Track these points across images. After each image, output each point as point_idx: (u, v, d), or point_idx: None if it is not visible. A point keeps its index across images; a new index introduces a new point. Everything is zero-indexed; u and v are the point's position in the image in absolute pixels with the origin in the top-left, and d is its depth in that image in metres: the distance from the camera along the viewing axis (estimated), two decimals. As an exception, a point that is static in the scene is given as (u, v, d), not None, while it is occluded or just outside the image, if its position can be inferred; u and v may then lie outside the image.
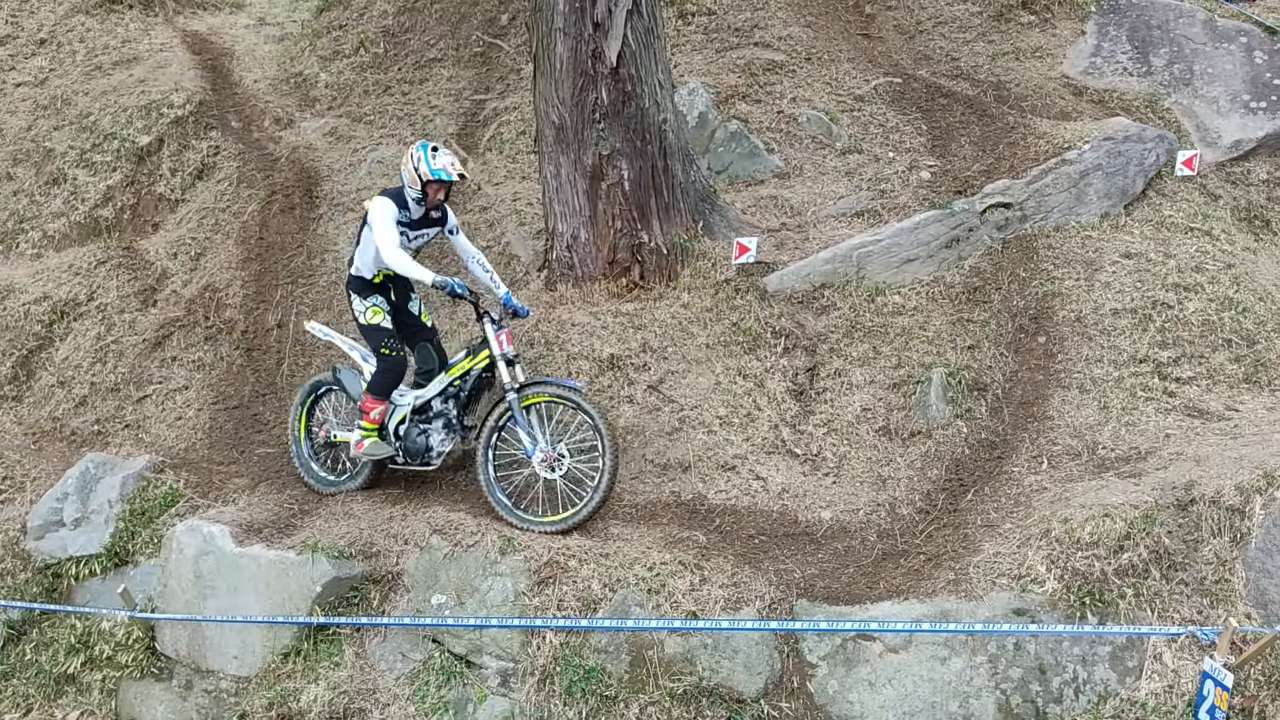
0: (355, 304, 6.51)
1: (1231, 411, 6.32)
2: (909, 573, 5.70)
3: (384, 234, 6.13)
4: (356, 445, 6.45)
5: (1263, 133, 8.64)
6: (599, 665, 5.33)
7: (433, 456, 6.44)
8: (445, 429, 6.45)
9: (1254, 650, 4.44)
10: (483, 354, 6.30)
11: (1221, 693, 4.37)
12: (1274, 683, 4.92)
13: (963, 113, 8.75)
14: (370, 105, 9.60)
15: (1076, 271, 7.26)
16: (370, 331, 6.46)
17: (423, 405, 6.51)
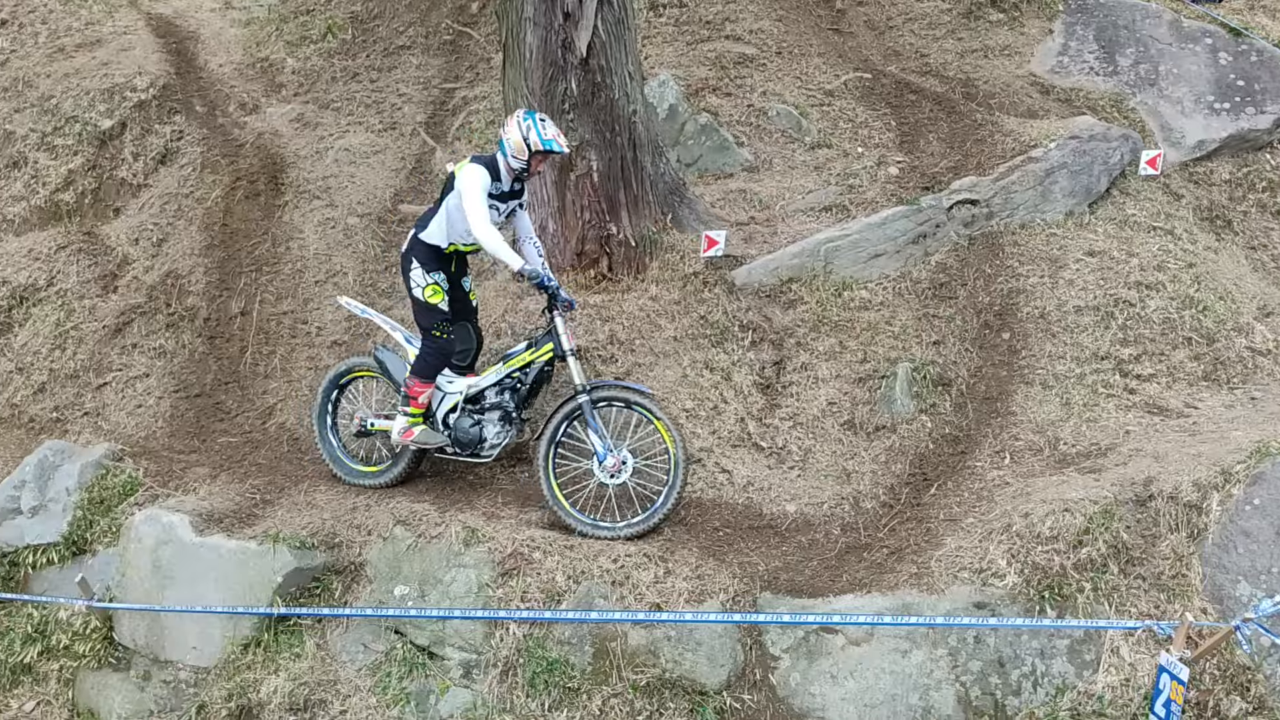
0: (415, 274, 6.11)
1: (1190, 409, 6.41)
2: (872, 566, 5.74)
3: (477, 207, 5.83)
4: (404, 433, 6.17)
5: (1226, 133, 8.75)
6: (562, 657, 5.33)
7: (486, 448, 6.23)
8: (502, 421, 6.22)
9: (1209, 645, 4.50)
10: (546, 347, 6.12)
11: (1177, 686, 4.41)
12: (1229, 677, 5.00)
13: (931, 109, 8.80)
14: (338, 92, 9.51)
15: (1041, 269, 7.32)
16: (425, 309, 6.14)
17: (476, 394, 6.30)
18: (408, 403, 6.17)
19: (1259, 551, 5.22)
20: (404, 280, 6.25)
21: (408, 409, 6.17)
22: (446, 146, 8.81)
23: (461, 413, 6.28)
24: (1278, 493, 5.31)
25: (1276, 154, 8.75)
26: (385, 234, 8.26)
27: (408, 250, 6.20)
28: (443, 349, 6.20)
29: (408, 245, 6.23)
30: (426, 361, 6.18)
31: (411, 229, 6.30)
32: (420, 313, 6.18)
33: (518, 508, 6.10)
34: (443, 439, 6.25)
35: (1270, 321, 7.17)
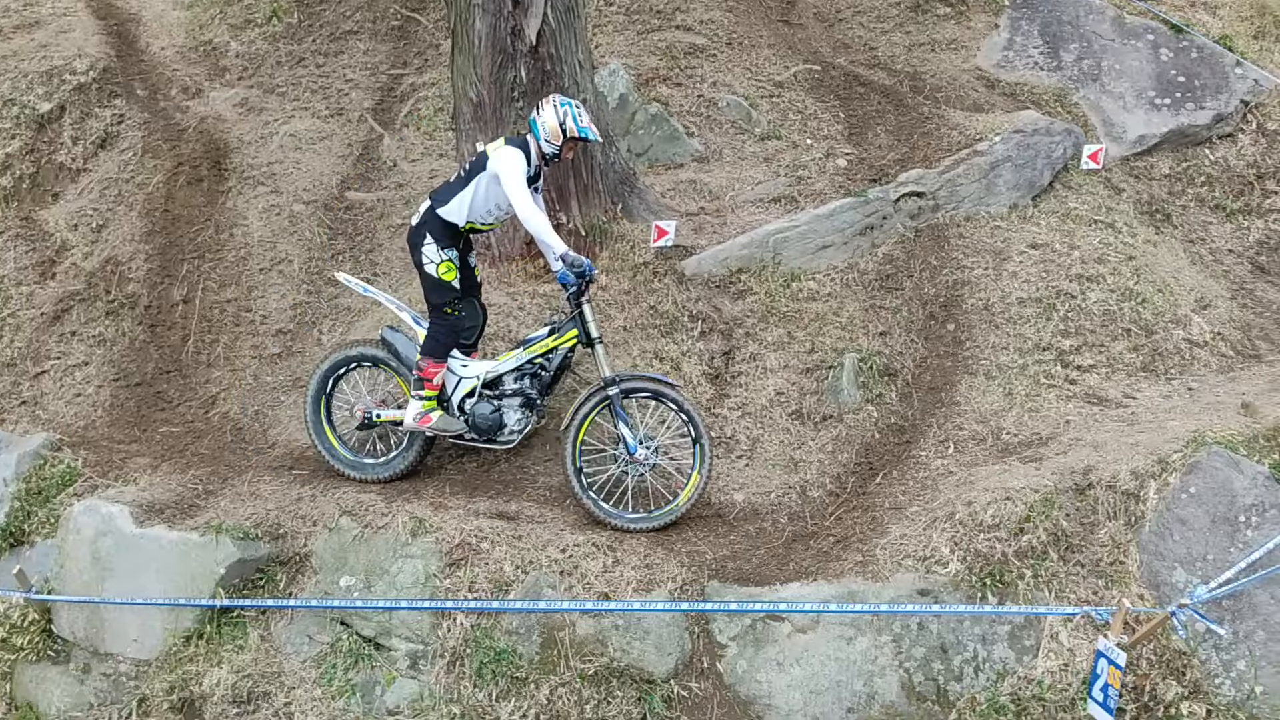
0: (429, 251, 5.95)
1: (1129, 399, 6.53)
2: (818, 554, 5.79)
3: (522, 192, 5.77)
4: (420, 419, 6.04)
5: (1166, 129, 8.91)
6: (510, 647, 5.32)
7: (506, 434, 6.17)
8: (524, 407, 6.16)
9: (1146, 630, 4.60)
10: (570, 333, 6.06)
11: (1114, 671, 4.51)
12: (1165, 662, 5.11)
13: (879, 102, 8.87)
14: (283, 77, 9.36)
15: (985, 261, 7.41)
16: (437, 286, 5.99)
17: (493, 379, 6.20)
18: (421, 385, 6.05)
19: (1194, 539, 5.34)
20: (413, 256, 6.07)
21: (422, 392, 6.05)
22: (394, 133, 8.73)
23: (480, 398, 6.19)
24: (1213, 482, 5.43)
25: (1215, 149, 8.93)
26: (332, 221, 8.16)
27: (421, 225, 6.02)
28: (454, 326, 6.10)
29: (421, 220, 6.04)
30: (438, 340, 6.07)
31: (425, 203, 6.10)
32: (432, 290, 6.05)
33: (465, 498, 6.07)
34: (461, 425, 6.15)
35: (1207, 314, 7.33)
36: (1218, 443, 5.55)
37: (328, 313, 7.68)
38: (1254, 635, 5.14)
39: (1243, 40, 9.33)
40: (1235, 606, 5.16)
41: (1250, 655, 5.11)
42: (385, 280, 7.76)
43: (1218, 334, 7.13)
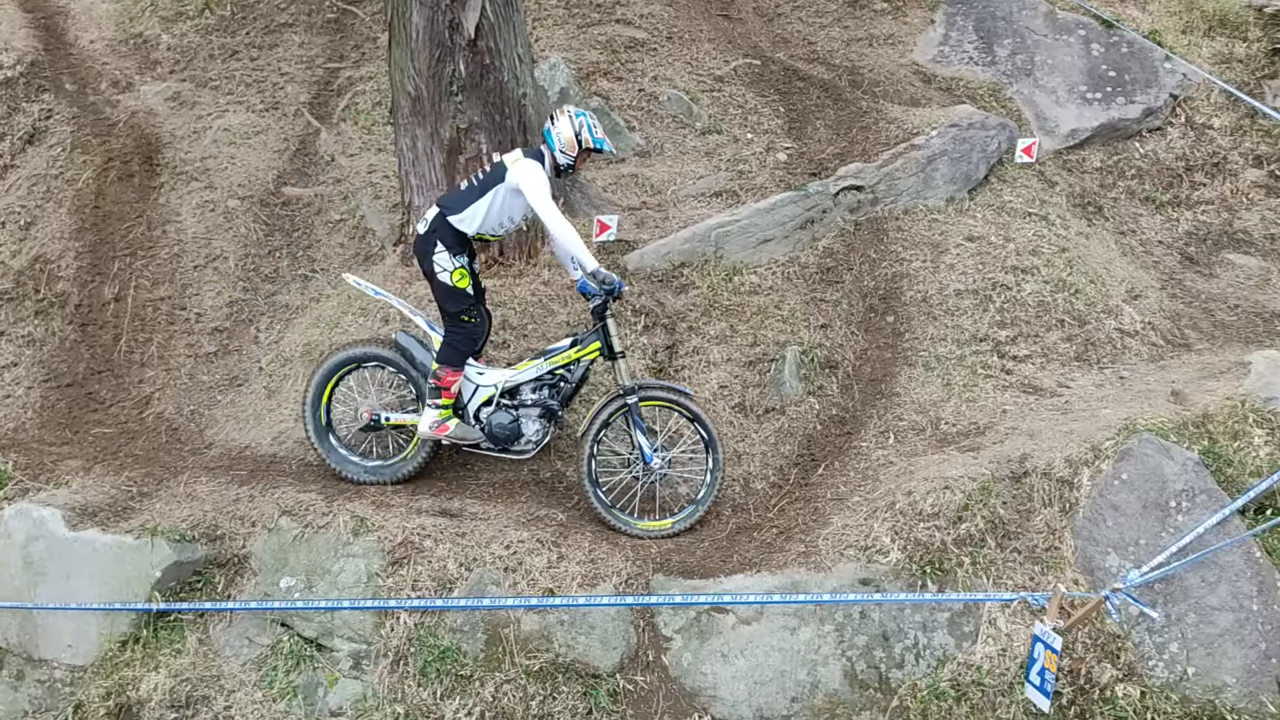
0: (441, 259, 5.83)
1: (1063, 388, 6.66)
2: (761, 546, 5.83)
3: (549, 205, 5.73)
4: (437, 428, 5.94)
5: (1097, 122, 9.09)
6: (454, 645, 5.28)
7: (523, 444, 6.10)
8: (543, 418, 6.10)
9: (1081, 615, 4.69)
10: (593, 345, 6.05)
11: (1051, 655, 4.60)
12: (1100, 645, 5.22)
13: (818, 96, 8.93)
14: (216, 70, 9.18)
15: (923, 253, 7.51)
16: (452, 294, 5.87)
17: (511, 389, 6.14)
18: (438, 394, 5.93)
19: (1127, 524, 5.46)
20: (423, 265, 5.95)
21: (439, 401, 5.94)
22: (332, 127, 8.61)
23: (498, 407, 6.11)
24: (1144, 468, 5.56)
25: (1145, 143, 9.13)
26: (268, 217, 8.03)
27: (431, 233, 5.89)
28: (471, 334, 6.01)
29: (431, 227, 5.90)
30: (456, 348, 5.96)
31: (433, 210, 5.97)
32: (447, 298, 5.93)
33: (408, 496, 6.02)
34: (478, 434, 6.08)
35: (1138, 304, 7.49)
36: (1149, 430, 5.68)
37: (265, 310, 7.57)
38: (1185, 618, 5.27)
39: (1171, 35, 9.54)
40: (1167, 590, 5.30)
41: (1182, 637, 5.24)
42: (324, 277, 7.66)
43: (1148, 323, 7.29)
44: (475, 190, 5.94)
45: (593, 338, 6.08)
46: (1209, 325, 7.52)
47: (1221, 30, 9.71)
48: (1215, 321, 7.58)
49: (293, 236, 7.86)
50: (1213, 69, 9.29)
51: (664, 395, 6.11)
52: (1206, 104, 9.23)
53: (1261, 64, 9.52)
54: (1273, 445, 5.77)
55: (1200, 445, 5.70)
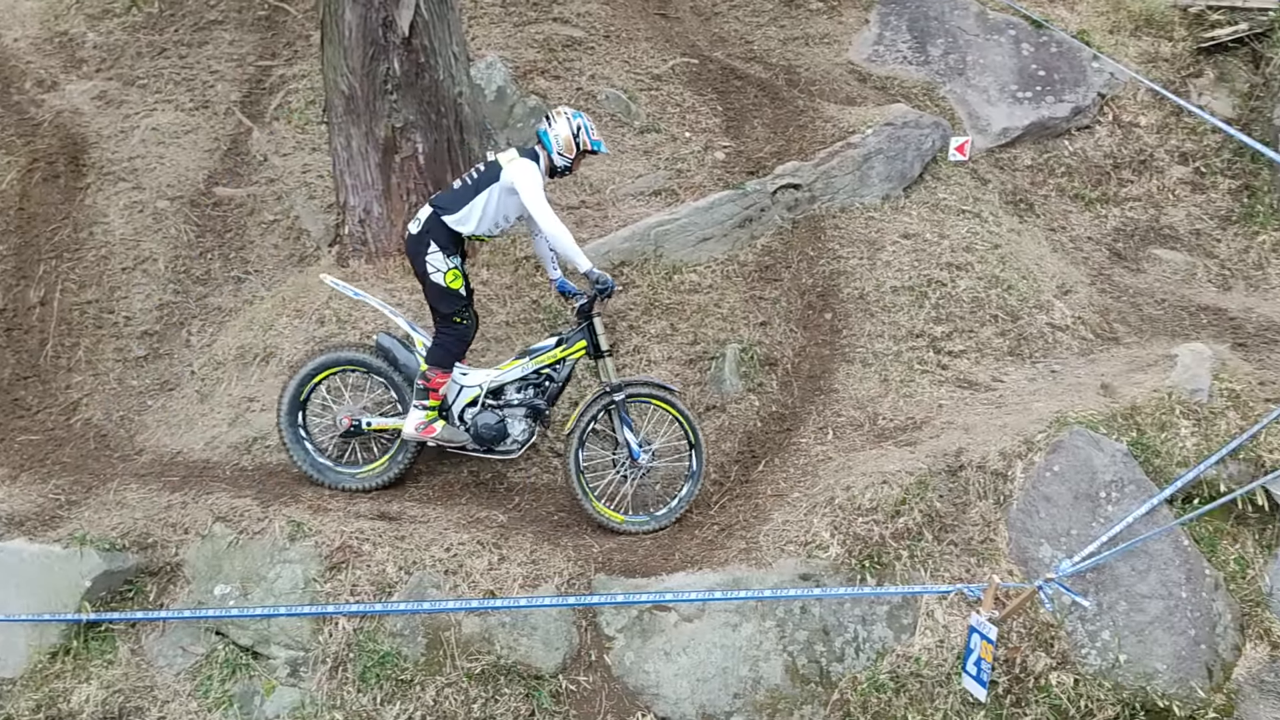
0: (435, 259, 5.77)
1: (997, 382, 6.76)
2: (703, 543, 5.85)
3: (544, 204, 5.68)
4: (424, 429, 5.89)
5: (1028, 121, 9.25)
6: (394, 649, 5.22)
7: (509, 444, 6.08)
8: (529, 417, 6.09)
9: (1015, 605, 4.77)
10: (579, 344, 6.06)
11: (986, 645, 4.67)
12: (1034, 635, 5.31)
13: (756, 95, 8.98)
14: (144, 68, 8.99)
15: (860, 251, 7.58)
16: (445, 295, 5.82)
17: (496, 389, 6.10)
18: (426, 395, 5.87)
19: (1059, 515, 5.56)
20: (416, 265, 5.89)
21: (425, 402, 5.88)
22: (264, 126, 8.47)
23: (483, 408, 6.06)
24: (1075, 460, 5.66)
25: (1074, 141, 9.30)
26: (199, 218, 7.88)
27: (424, 233, 5.83)
28: (462, 336, 5.96)
29: (424, 227, 5.83)
30: (448, 350, 5.91)
31: (426, 210, 5.90)
32: (440, 299, 5.87)
33: (346, 500, 5.94)
34: (465, 436, 6.03)
35: (1068, 299, 7.63)
36: (1079, 422, 5.79)
37: (197, 313, 7.43)
38: (1116, 606, 5.38)
39: (1099, 35, 9.74)
40: (1098, 579, 5.40)
41: (1114, 625, 5.34)
42: (257, 279, 7.54)
43: (1078, 318, 7.43)
44: (470, 189, 5.86)
45: (578, 336, 6.09)
46: (1137, 319, 7.69)
47: (1148, 30, 9.93)
48: (1143, 315, 7.75)
49: (225, 237, 7.72)
50: (1139, 68, 9.49)
51: (650, 392, 6.16)
52: (1133, 102, 9.44)
53: (1186, 63, 9.75)
54: (1199, 436, 5.91)
55: (1129, 436, 5.82)
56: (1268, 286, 8.25)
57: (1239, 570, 5.78)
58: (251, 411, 6.49)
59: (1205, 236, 8.71)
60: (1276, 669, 5.52)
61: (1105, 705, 5.19)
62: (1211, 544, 5.78)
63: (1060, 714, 5.15)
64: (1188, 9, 10.11)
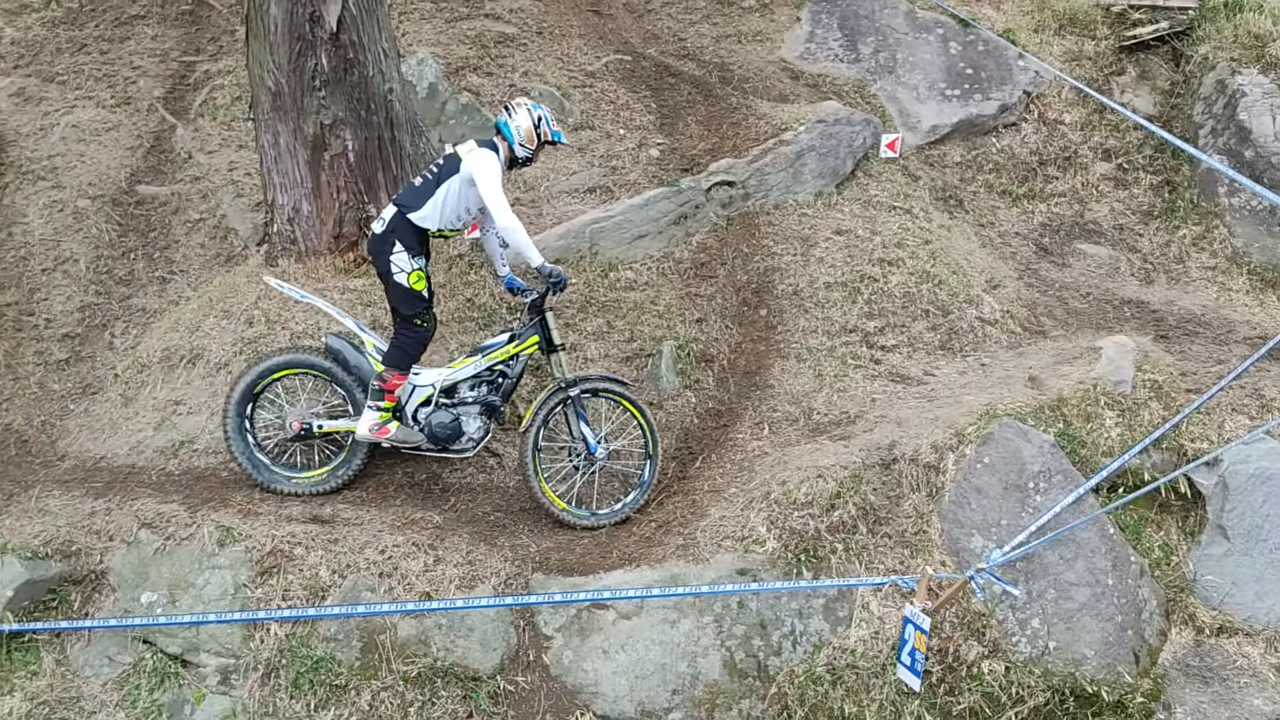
0: (399, 259, 5.72)
1: (929, 376, 6.86)
2: (641, 540, 5.85)
3: (500, 197, 5.67)
4: (378, 430, 5.83)
5: (956, 118, 9.39)
6: (328, 654, 5.14)
7: (464, 442, 6.05)
8: (483, 415, 6.07)
9: (947, 595, 4.82)
10: (531, 339, 6.07)
11: (920, 635, 4.72)
12: (966, 624, 5.40)
13: (689, 92, 8.99)
14: (63, 64, 8.74)
15: (794, 247, 7.63)
16: (408, 296, 5.77)
17: (449, 388, 6.05)
18: (381, 397, 5.82)
19: (989, 506, 5.65)
20: (378, 264, 5.82)
21: (380, 403, 5.82)
22: (188, 123, 8.29)
23: (436, 407, 6.02)
24: (1005, 451, 5.76)
25: (1001, 138, 9.46)
26: (121, 217, 7.68)
27: (388, 232, 5.77)
28: (422, 338, 5.92)
29: (389, 227, 5.77)
30: (406, 351, 5.86)
31: (390, 209, 5.84)
32: (402, 300, 5.81)
33: (276, 503, 5.83)
34: (419, 436, 5.98)
35: (997, 293, 7.77)
36: (1008, 415, 5.90)
37: (120, 314, 7.24)
38: (1045, 594, 5.49)
39: (1024, 34, 9.92)
40: (1028, 568, 5.50)
41: (1043, 613, 5.45)
42: (183, 279, 7.37)
43: (1007, 312, 7.57)
44: (430, 184, 5.83)
45: (530, 331, 6.11)
46: (1063, 313, 7.85)
47: (1071, 29, 10.14)
48: (1069, 309, 7.92)
49: (148, 237, 7.54)
50: (1063, 66, 9.69)
51: (604, 386, 6.21)
52: (1058, 100, 9.63)
53: (1109, 61, 9.97)
54: (1123, 426, 6.05)
55: (1056, 428, 5.94)
56: (1188, 280, 8.47)
57: (1163, 557, 5.93)
58: (178, 415, 6.34)
59: (1128, 231, 8.92)
60: (1201, 653, 5.67)
61: (1035, 692, 5.29)
62: (1136, 532, 5.93)
63: (992, 701, 5.24)
64: (1110, 8, 10.34)
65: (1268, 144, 8.63)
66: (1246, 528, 5.97)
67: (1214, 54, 9.39)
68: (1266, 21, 9.40)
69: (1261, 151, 8.64)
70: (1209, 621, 5.77)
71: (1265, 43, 9.24)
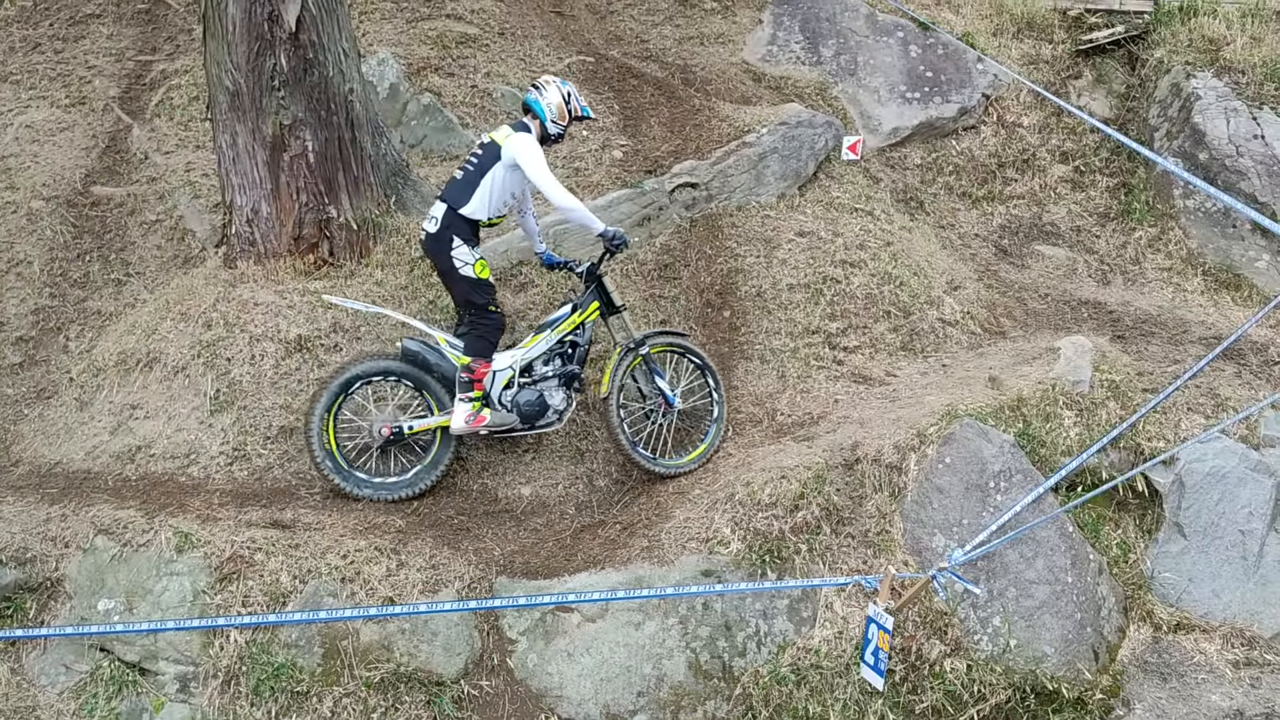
0: (461, 253, 5.88)
1: (891, 377, 6.91)
2: (605, 543, 5.84)
3: (551, 177, 5.85)
4: (474, 420, 5.95)
5: (917, 121, 9.47)
6: (289, 661, 5.09)
7: (550, 416, 6.22)
8: (565, 386, 6.28)
9: (910, 595, 4.86)
10: (592, 305, 6.30)
11: (884, 635, 4.74)
12: (929, 623, 5.44)
13: (652, 94, 9.00)
14: (16, 64, 8.59)
15: (757, 249, 7.66)
16: (478, 286, 5.96)
17: (526, 366, 6.24)
18: (470, 387, 5.95)
19: (951, 506, 5.70)
20: (440, 262, 5.99)
21: (470, 394, 5.95)
22: (144, 123, 8.17)
23: (519, 387, 6.20)
24: (965, 451, 5.82)
25: (961, 140, 9.56)
26: (76, 218, 7.56)
27: (444, 229, 5.91)
28: (499, 323, 6.11)
29: (444, 224, 5.91)
30: (487, 339, 6.03)
31: (439, 206, 5.99)
32: (472, 290, 5.98)
33: (236, 508, 5.75)
34: (513, 418, 6.13)
35: (958, 294, 7.83)
36: (969, 415, 5.95)
37: (75, 317, 7.12)
38: (1006, 592, 5.54)
39: (983, 37, 10.01)
40: (989, 566, 5.56)
41: (1004, 611, 5.50)
42: (139, 281, 7.27)
43: (967, 313, 7.64)
44: (474, 175, 5.96)
45: (590, 298, 6.33)
46: (1022, 313, 7.94)
47: (1029, 32, 10.25)
48: (1028, 310, 8.01)
49: (104, 239, 7.42)
50: (1021, 70, 9.80)
51: (669, 340, 6.54)
52: (1016, 103, 9.73)
53: (1066, 65, 10.10)
54: (1081, 425, 6.12)
55: (1016, 428, 6.00)
56: (1144, 281, 8.60)
57: (1121, 554, 6.01)
58: (135, 419, 6.25)
59: (1085, 233, 9.04)
60: (1159, 650, 5.76)
61: (997, 689, 5.34)
62: (1095, 530, 6.00)
63: (954, 699, 5.29)
64: (1066, 12, 10.48)
65: (1221, 147, 8.78)
66: (1203, 525, 6.07)
67: (1169, 58, 9.53)
68: (1221, 26, 9.56)
69: (1215, 154, 8.78)
70: (1166, 618, 5.86)
71: (1219, 47, 9.40)
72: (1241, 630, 5.91)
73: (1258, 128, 8.82)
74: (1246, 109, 8.94)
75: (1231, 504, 6.09)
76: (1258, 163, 8.65)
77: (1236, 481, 6.13)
